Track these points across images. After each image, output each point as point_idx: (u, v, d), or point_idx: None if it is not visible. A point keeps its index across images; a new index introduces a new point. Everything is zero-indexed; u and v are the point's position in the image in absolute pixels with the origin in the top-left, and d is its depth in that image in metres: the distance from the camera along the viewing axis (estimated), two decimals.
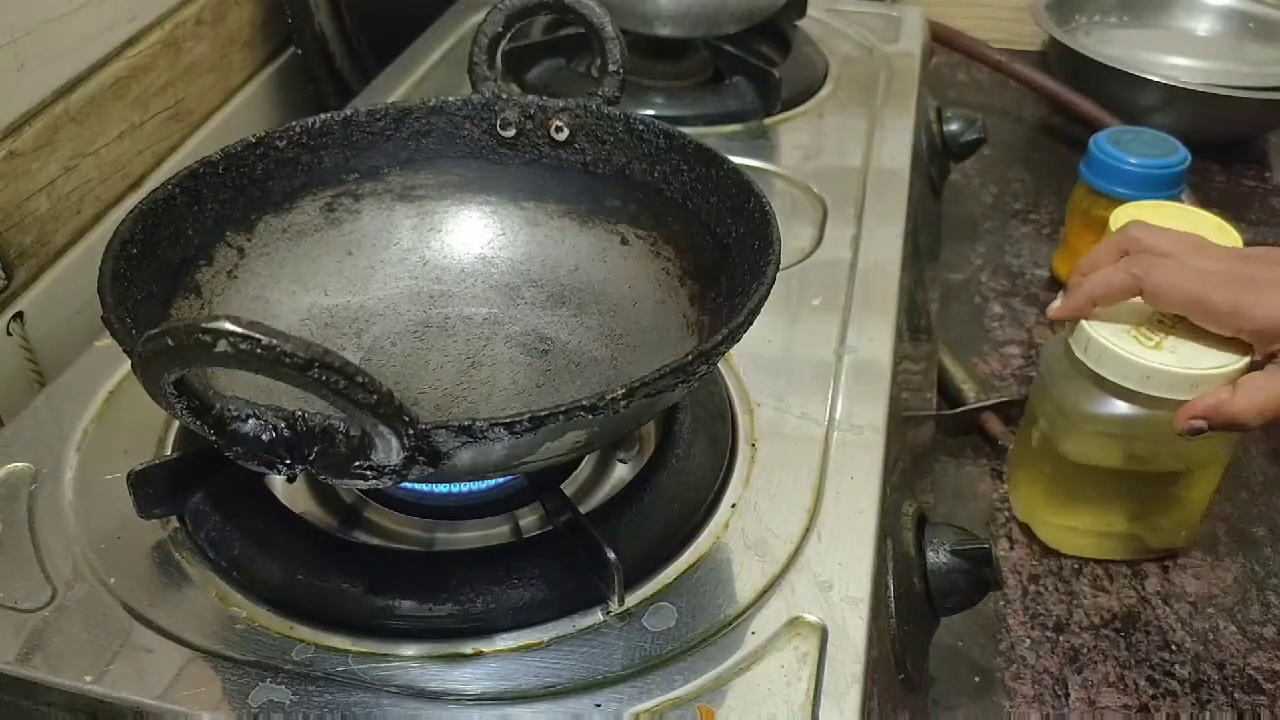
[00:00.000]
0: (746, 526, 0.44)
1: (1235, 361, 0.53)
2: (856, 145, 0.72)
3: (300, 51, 0.82)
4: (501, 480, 0.45)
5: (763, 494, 0.45)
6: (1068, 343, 0.57)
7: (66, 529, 0.43)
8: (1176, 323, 0.55)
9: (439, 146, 0.52)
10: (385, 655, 0.39)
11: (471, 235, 0.52)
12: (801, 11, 0.85)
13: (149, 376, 0.30)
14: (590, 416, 0.34)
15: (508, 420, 0.33)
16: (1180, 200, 0.77)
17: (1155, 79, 0.94)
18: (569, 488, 0.47)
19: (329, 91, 0.84)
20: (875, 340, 0.54)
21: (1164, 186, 0.76)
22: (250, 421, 0.33)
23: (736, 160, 0.47)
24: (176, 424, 0.48)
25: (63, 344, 0.61)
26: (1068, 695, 0.54)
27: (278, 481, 0.45)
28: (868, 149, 0.71)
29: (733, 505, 0.45)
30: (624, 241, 0.51)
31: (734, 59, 0.78)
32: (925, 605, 0.47)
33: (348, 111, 0.50)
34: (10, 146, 0.58)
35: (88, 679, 0.37)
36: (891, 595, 0.44)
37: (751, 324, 0.38)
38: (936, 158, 0.83)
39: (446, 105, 0.51)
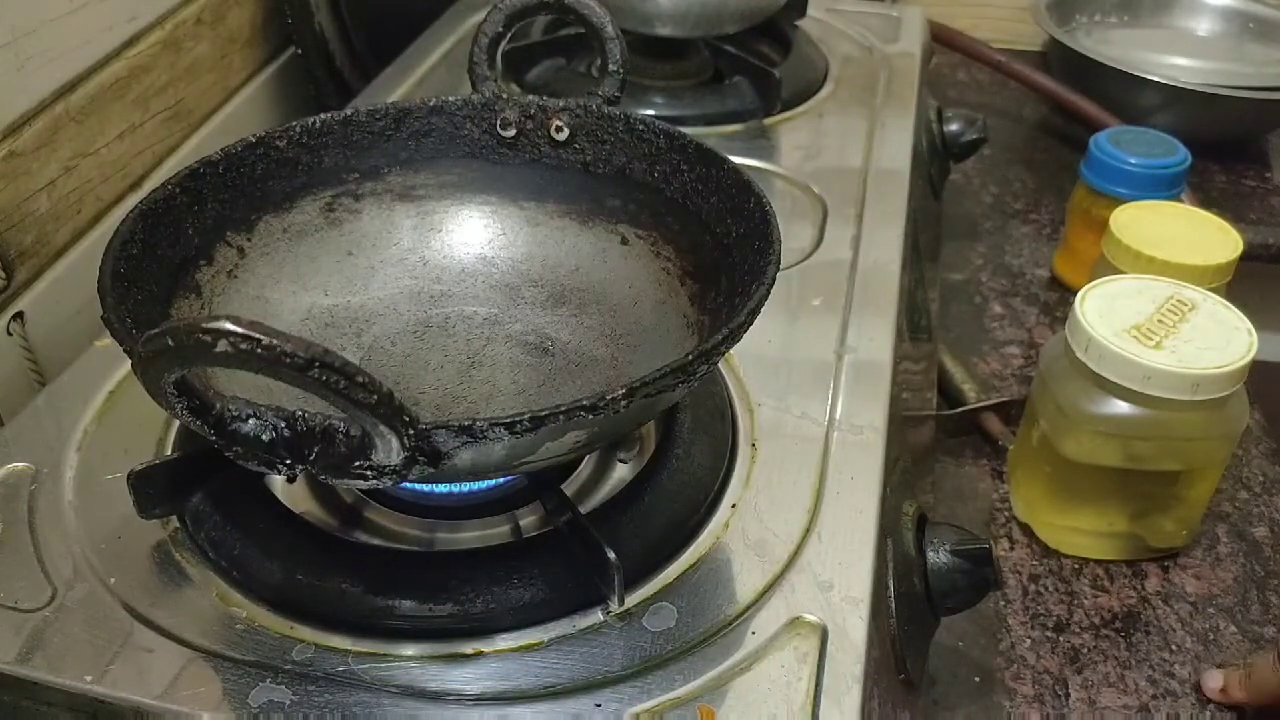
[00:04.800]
0: (746, 526, 0.44)
1: (1236, 361, 0.53)
2: (856, 145, 0.71)
3: (300, 51, 0.82)
4: (501, 480, 0.45)
5: (763, 494, 0.45)
6: (1068, 343, 0.57)
7: (66, 529, 0.43)
8: (1177, 323, 0.55)
9: (439, 146, 0.52)
10: (385, 655, 0.38)
11: (471, 235, 0.52)
12: (801, 11, 0.85)
13: (149, 376, 0.30)
14: (590, 416, 0.34)
15: (508, 420, 0.33)
16: (1180, 200, 0.78)
17: (1155, 79, 0.94)
18: (569, 488, 0.47)
19: (329, 91, 0.84)
20: (875, 340, 0.54)
21: (1164, 186, 0.76)
22: (250, 421, 0.33)
23: (736, 160, 0.47)
24: (176, 424, 0.48)
25: (63, 344, 0.61)
26: (1068, 695, 0.54)
27: (278, 481, 0.45)
28: (868, 149, 0.71)
29: (733, 505, 0.45)
30: (624, 241, 0.51)
31: (734, 59, 0.78)
32: (925, 605, 0.47)
33: (348, 111, 0.50)
34: (10, 146, 0.58)
35: (88, 679, 0.37)
36: (891, 595, 0.44)
37: (752, 324, 0.38)
38: (936, 158, 0.83)
39: (446, 105, 0.51)
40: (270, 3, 0.81)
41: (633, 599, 0.41)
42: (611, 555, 0.39)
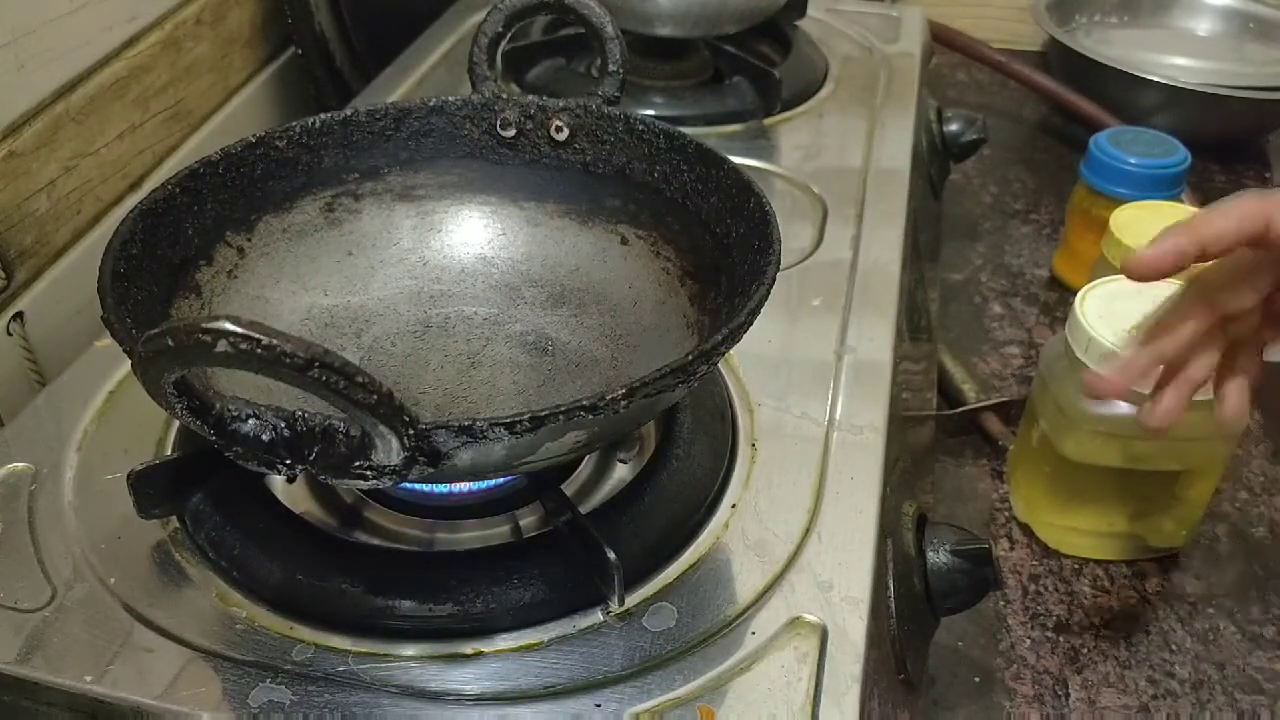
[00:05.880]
0: (746, 526, 0.44)
1: None
2: (856, 145, 0.72)
3: (300, 51, 0.82)
4: (501, 480, 0.45)
5: (763, 494, 0.45)
6: (1068, 343, 0.57)
7: (66, 529, 0.43)
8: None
9: (439, 146, 0.52)
10: (385, 655, 0.39)
11: (471, 235, 0.52)
12: (801, 11, 0.85)
13: (149, 376, 0.30)
14: (590, 416, 0.34)
15: (508, 420, 0.33)
16: (1180, 200, 0.77)
17: (1155, 79, 0.94)
18: (569, 488, 0.47)
19: (329, 91, 0.84)
20: (875, 340, 0.54)
21: (1164, 186, 0.76)
22: (250, 421, 0.33)
23: (736, 160, 0.47)
24: (176, 424, 0.48)
25: (63, 344, 0.61)
26: (1068, 695, 0.54)
27: (278, 481, 0.45)
28: (868, 149, 0.71)
29: (733, 505, 0.45)
30: (624, 241, 0.51)
31: (734, 59, 0.78)
32: (925, 605, 0.47)
33: (348, 111, 0.50)
34: (10, 146, 0.58)
35: (88, 679, 0.37)
36: (891, 595, 0.44)
37: (752, 324, 0.38)
38: (936, 158, 0.83)
39: (446, 105, 0.51)
40: (270, 3, 0.81)
41: (633, 599, 0.41)
42: (611, 555, 0.39)
